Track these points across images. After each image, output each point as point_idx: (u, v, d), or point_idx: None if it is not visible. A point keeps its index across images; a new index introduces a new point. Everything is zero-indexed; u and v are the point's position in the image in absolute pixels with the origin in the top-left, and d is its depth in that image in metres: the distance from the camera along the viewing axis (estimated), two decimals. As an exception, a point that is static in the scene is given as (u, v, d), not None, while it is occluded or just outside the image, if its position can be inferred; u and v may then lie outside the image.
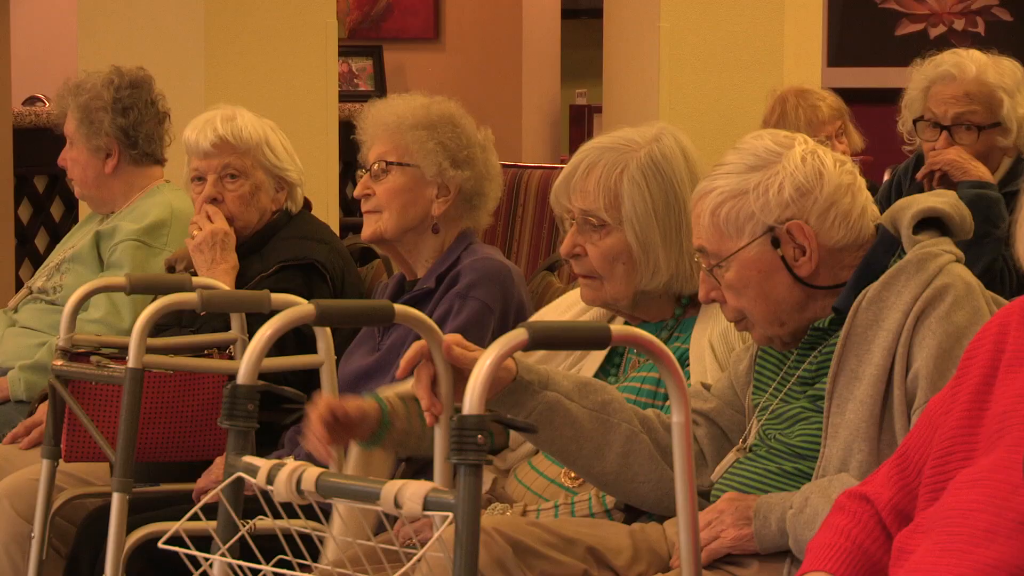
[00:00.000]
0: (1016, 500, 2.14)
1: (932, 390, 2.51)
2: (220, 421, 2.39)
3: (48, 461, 3.38)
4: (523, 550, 2.58)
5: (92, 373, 3.33)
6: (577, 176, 3.01)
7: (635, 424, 2.77)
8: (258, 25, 4.92)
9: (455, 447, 2.06)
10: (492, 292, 3.43)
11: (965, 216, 2.74)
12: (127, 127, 4.25)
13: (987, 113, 4.18)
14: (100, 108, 4.23)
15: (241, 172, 3.88)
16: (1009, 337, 2.32)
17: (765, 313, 2.71)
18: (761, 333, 2.74)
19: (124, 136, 4.25)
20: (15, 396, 4.11)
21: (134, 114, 4.26)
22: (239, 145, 3.88)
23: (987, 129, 4.17)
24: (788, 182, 2.68)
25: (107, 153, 4.25)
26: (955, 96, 4.19)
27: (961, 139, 4.16)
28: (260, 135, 3.90)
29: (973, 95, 4.18)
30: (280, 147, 3.93)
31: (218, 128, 3.87)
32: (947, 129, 4.16)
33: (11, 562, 3.65)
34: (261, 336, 2.41)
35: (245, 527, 2.27)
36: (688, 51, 5.18)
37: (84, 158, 4.26)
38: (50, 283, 4.28)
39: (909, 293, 2.61)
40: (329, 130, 4.90)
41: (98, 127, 4.23)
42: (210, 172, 3.88)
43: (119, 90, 4.25)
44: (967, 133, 4.17)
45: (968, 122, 4.17)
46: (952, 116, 4.18)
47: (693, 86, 5.18)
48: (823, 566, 2.33)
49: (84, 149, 4.25)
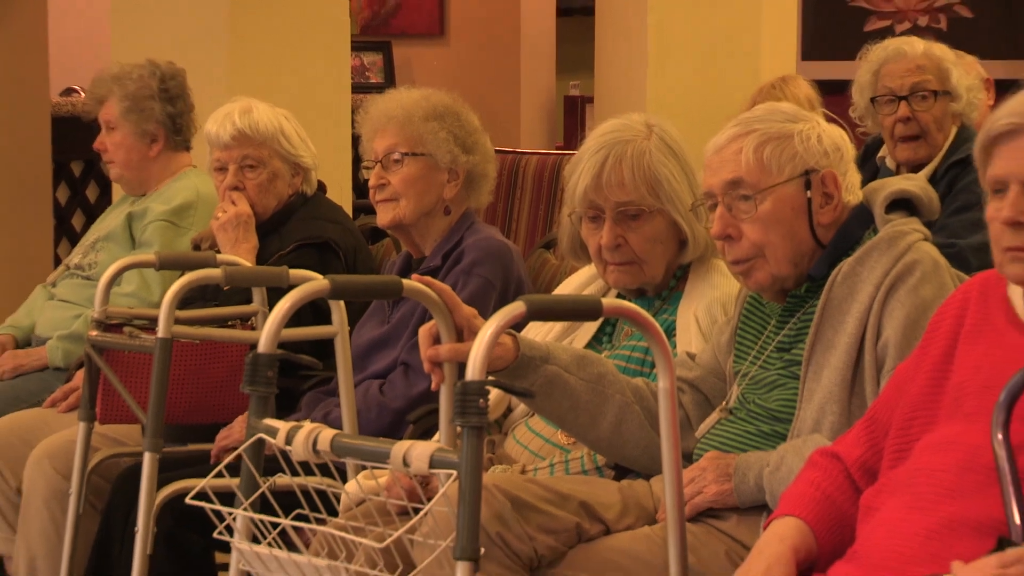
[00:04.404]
0: (977, 463, 2.14)
1: (900, 357, 2.51)
2: (242, 387, 2.39)
3: (84, 423, 3.38)
4: (521, 505, 2.58)
5: (125, 343, 3.33)
6: (607, 172, 2.95)
7: (627, 395, 2.76)
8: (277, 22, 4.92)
9: (459, 410, 2.06)
10: (494, 269, 3.43)
11: (933, 198, 2.75)
12: (174, 115, 4.27)
13: (939, 81, 4.21)
14: (149, 96, 4.23)
15: (259, 162, 3.88)
16: (969, 311, 2.33)
17: (786, 250, 2.67)
18: (768, 273, 2.69)
19: (171, 123, 4.27)
20: (53, 364, 4.12)
21: (180, 103, 4.27)
22: (256, 137, 3.88)
23: (941, 96, 4.20)
24: (825, 136, 2.70)
25: (153, 138, 4.26)
26: (908, 69, 4.22)
27: (918, 106, 4.19)
28: (275, 126, 3.90)
29: (924, 66, 4.22)
30: (294, 135, 3.93)
31: (236, 122, 3.87)
32: (905, 99, 4.19)
33: (51, 517, 3.66)
34: (280, 308, 2.41)
35: (266, 484, 2.27)
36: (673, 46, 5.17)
37: (130, 142, 4.25)
38: (86, 260, 4.28)
39: (881, 268, 2.61)
40: (342, 119, 4.90)
41: (148, 114, 4.23)
42: (231, 162, 3.89)
43: (164, 80, 4.26)
44: (923, 101, 4.20)
45: (924, 90, 4.20)
46: (909, 86, 4.20)
47: (677, 78, 5.17)
48: (794, 512, 2.34)
49: (130, 134, 4.24)
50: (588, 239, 3.02)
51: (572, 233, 3.09)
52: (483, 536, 2.37)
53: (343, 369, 3.10)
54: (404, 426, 3.34)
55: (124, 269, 3.45)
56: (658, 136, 3.00)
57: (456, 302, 2.56)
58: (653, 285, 3.03)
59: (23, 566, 3.72)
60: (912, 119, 4.19)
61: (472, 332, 2.52)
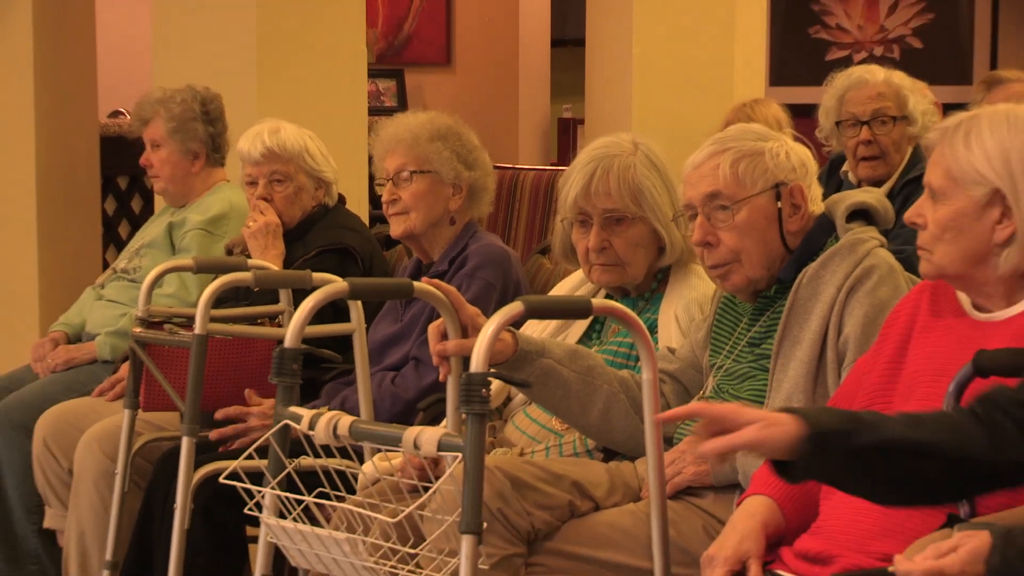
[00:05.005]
0: None
1: (859, 352, 2.50)
2: (270, 378, 2.39)
3: (129, 411, 3.37)
4: (519, 484, 2.58)
5: (165, 338, 3.32)
6: (595, 183, 2.95)
7: (615, 385, 2.76)
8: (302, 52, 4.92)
9: (463, 399, 2.05)
10: (495, 273, 3.43)
11: (888, 209, 2.75)
12: (214, 134, 4.26)
13: (898, 107, 4.21)
14: (192, 118, 4.22)
15: (286, 177, 3.88)
16: (921, 309, 2.32)
17: (760, 255, 2.67)
18: (744, 276, 2.68)
19: (211, 142, 4.26)
20: (102, 357, 4.11)
21: (218, 124, 4.27)
22: (283, 154, 3.87)
23: (899, 120, 4.19)
24: (792, 153, 2.69)
25: (195, 155, 4.24)
26: (870, 96, 4.21)
27: (879, 130, 4.18)
28: (301, 144, 3.90)
29: (884, 93, 4.21)
30: (317, 152, 3.93)
31: (266, 140, 3.87)
32: (867, 124, 4.18)
33: (99, 494, 3.65)
34: (304, 308, 2.41)
35: (291, 465, 2.26)
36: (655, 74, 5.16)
37: (175, 158, 4.24)
38: (131, 264, 4.27)
39: (842, 271, 2.61)
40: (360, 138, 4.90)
41: (192, 134, 4.22)
42: (260, 177, 3.88)
43: (204, 103, 4.25)
44: (883, 125, 4.20)
45: (884, 116, 4.19)
46: (871, 112, 4.19)
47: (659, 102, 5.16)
48: (763, 491, 2.33)
49: (175, 151, 4.23)
50: (577, 242, 3.01)
51: (564, 238, 3.09)
52: (486, 512, 2.36)
53: (360, 362, 3.10)
54: (415, 413, 3.33)
55: (165, 272, 3.44)
56: (643, 153, 2.99)
57: (461, 302, 2.55)
58: (634, 285, 3.03)
59: (73, 539, 3.72)
60: (873, 142, 4.19)
61: (476, 329, 2.51)
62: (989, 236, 2.17)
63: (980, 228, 2.17)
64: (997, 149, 2.15)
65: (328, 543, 2.13)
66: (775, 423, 1.91)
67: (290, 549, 2.21)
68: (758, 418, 1.92)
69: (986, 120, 2.18)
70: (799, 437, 1.90)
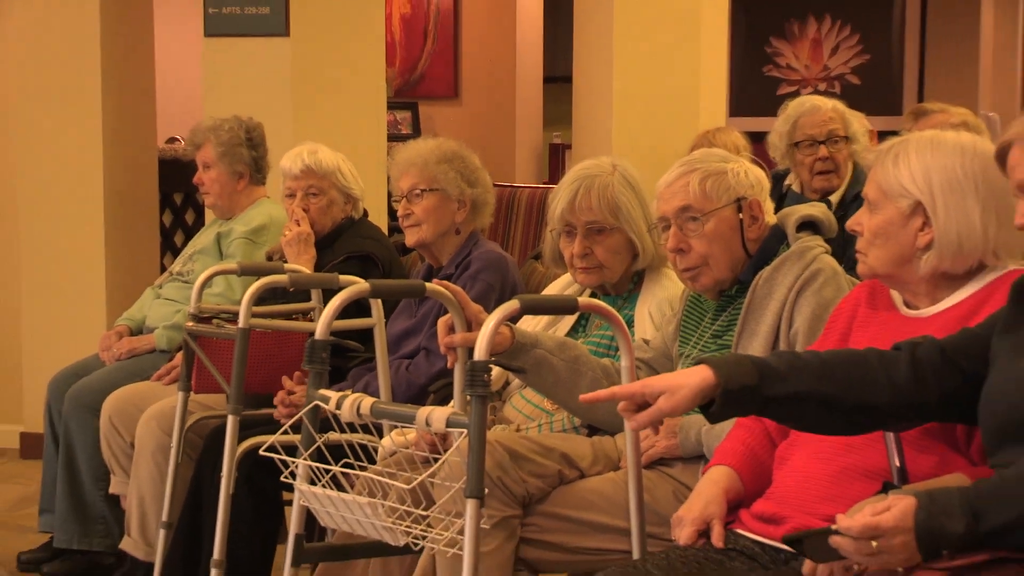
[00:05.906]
0: None
1: (807, 343, 2.50)
2: (303, 365, 2.37)
3: (182, 393, 3.37)
4: (516, 456, 2.57)
5: (213, 331, 3.31)
6: (579, 199, 2.94)
7: (598, 372, 2.74)
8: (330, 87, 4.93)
9: (468, 383, 2.04)
10: (495, 275, 3.42)
11: (832, 221, 2.74)
12: (257, 158, 4.25)
13: (845, 129, 4.23)
14: (238, 144, 4.21)
15: (320, 191, 3.88)
16: (860, 306, 2.32)
17: (726, 260, 2.66)
18: (712, 277, 2.67)
19: (254, 164, 4.24)
20: (159, 347, 4.10)
21: (260, 149, 4.25)
22: (319, 171, 3.87)
23: (847, 139, 4.20)
24: (750, 172, 2.69)
25: (240, 176, 4.23)
26: (823, 119, 4.23)
27: (833, 148, 4.20)
28: (334, 164, 3.91)
29: (834, 117, 4.24)
30: (348, 172, 3.94)
31: (304, 159, 3.88)
32: (823, 143, 4.19)
33: (156, 465, 3.64)
34: (332, 305, 2.40)
35: (320, 439, 2.25)
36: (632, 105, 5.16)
37: (224, 178, 4.22)
38: (184, 268, 4.26)
39: (792, 274, 2.59)
40: (380, 161, 4.90)
41: (238, 157, 4.21)
42: (298, 190, 3.88)
43: (249, 131, 4.24)
44: (836, 144, 4.21)
45: (836, 135, 4.21)
46: (826, 132, 4.21)
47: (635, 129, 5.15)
48: (725, 461, 2.32)
49: (224, 172, 4.22)
50: (564, 249, 3.01)
51: (553, 246, 3.08)
52: (487, 479, 2.35)
53: (380, 352, 3.09)
54: (426, 395, 3.32)
55: (214, 275, 3.43)
56: (620, 173, 2.98)
57: (466, 300, 2.53)
58: (613, 285, 3.01)
59: (135, 503, 3.71)
60: (829, 158, 4.21)
61: (479, 324, 2.50)
62: (912, 241, 2.18)
63: (905, 234, 2.18)
64: (920, 168, 2.17)
65: (352, 506, 2.11)
66: (678, 388, 1.94)
67: (320, 511, 2.20)
68: (663, 388, 1.96)
69: (913, 144, 2.20)
70: (709, 386, 1.94)
